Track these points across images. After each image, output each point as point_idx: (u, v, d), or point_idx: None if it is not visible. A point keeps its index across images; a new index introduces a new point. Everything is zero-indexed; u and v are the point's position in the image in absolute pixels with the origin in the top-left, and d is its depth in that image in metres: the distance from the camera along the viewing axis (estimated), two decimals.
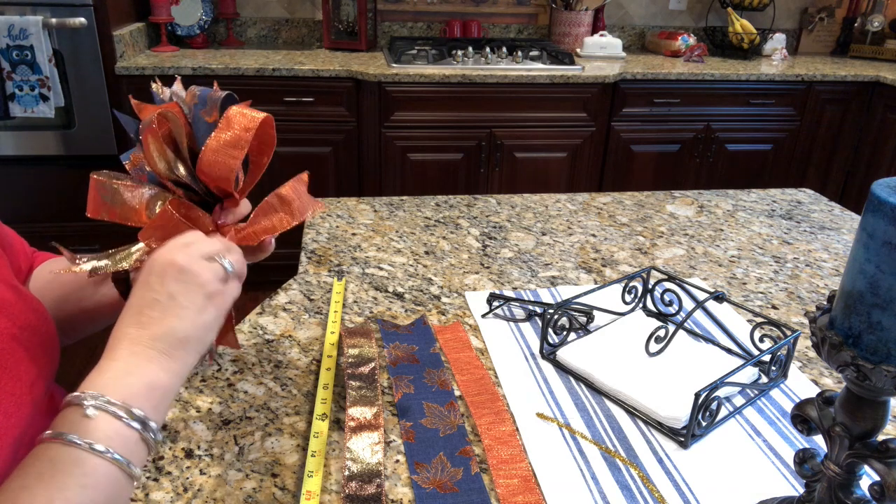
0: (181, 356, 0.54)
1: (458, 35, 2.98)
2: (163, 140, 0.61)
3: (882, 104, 2.81)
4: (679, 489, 0.64)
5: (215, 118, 0.61)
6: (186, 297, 0.55)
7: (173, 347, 0.54)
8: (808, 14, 3.26)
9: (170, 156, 0.61)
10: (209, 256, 0.58)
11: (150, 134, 0.59)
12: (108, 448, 0.47)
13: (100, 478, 0.47)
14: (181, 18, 2.68)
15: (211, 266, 0.57)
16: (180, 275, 0.55)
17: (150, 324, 0.54)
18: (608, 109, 2.66)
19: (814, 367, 0.84)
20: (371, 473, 0.63)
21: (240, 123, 0.60)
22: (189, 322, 0.55)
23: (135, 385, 0.51)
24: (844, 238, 1.22)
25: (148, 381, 0.52)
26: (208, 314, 0.56)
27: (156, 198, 0.62)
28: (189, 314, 0.55)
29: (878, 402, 0.48)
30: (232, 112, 0.61)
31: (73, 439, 0.47)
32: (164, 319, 0.54)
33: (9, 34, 2.13)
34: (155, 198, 0.62)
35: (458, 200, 1.32)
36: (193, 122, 0.62)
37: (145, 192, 0.61)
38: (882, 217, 0.42)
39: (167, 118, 0.61)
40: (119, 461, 0.48)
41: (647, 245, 1.16)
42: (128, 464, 0.48)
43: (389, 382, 0.77)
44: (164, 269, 0.55)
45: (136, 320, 0.54)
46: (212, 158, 0.60)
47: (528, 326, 0.90)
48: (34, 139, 2.38)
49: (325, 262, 1.05)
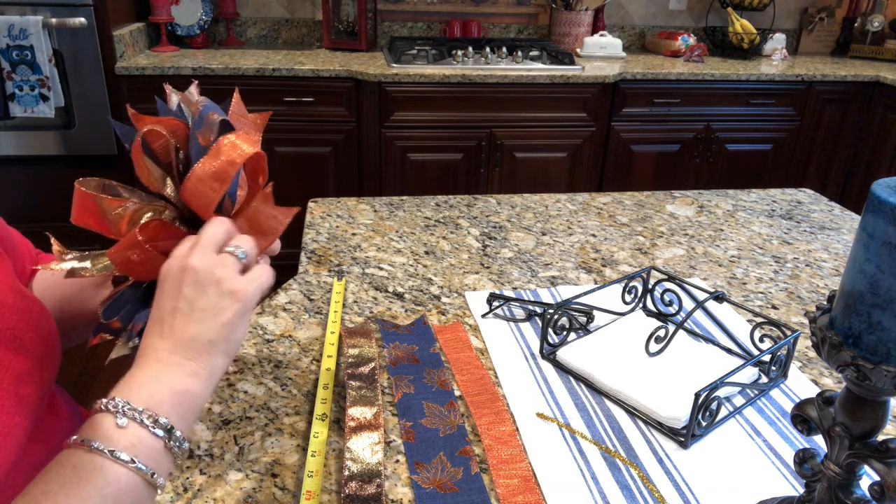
0: (208, 360, 0.54)
1: (458, 35, 2.98)
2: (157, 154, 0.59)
3: (882, 104, 2.81)
4: (679, 489, 0.64)
5: (209, 142, 0.60)
6: (204, 300, 0.54)
7: (198, 353, 0.53)
8: (808, 14, 3.26)
9: (157, 173, 0.60)
10: (219, 248, 0.56)
11: (135, 151, 0.58)
12: (132, 457, 0.47)
13: (122, 487, 0.46)
14: (181, 18, 2.68)
15: (223, 259, 0.56)
16: (194, 277, 0.54)
17: (172, 333, 0.53)
18: (608, 109, 2.66)
19: (814, 367, 0.84)
20: (371, 473, 0.63)
21: (228, 155, 0.58)
22: (211, 325, 0.54)
23: (160, 392, 0.51)
24: (844, 238, 1.22)
25: (174, 388, 0.51)
26: (230, 312, 0.55)
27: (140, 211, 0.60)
28: (209, 317, 0.54)
29: (878, 402, 0.48)
30: (224, 142, 0.59)
31: (98, 447, 0.47)
32: (185, 326, 0.53)
33: (9, 34, 2.13)
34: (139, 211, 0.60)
35: (458, 200, 1.32)
36: (190, 140, 0.60)
37: (129, 205, 0.60)
38: (882, 217, 0.42)
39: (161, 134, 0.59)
40: (143, 471, 0.47)
41: (647, 245, 1.16)
42: (152, 474, 0.48)
43: (389, 382, 0.77)
44: (178, 275, 0.54)
45: (159, 331, 0.54)
46: (194, 187, 0.58)
47: (528, 326, 0.90)
48: (34, 139, 2.38)
49: (325, 262, 1.05)
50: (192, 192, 0.58)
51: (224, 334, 0.55)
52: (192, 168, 0.58)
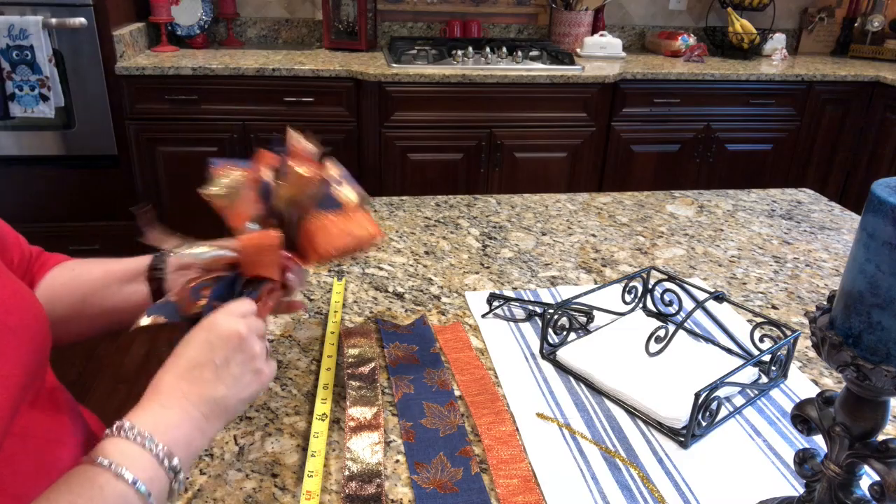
0: (216, 423, 0.57)
1: (458, 35, 2.98)
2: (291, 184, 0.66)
3: (882, 104, 2.81)
4: (679, 489, 0.64)
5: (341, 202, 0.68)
6: (239, 368, 0.58)
7: (214, 414, 0.56)
8: (808, 14, 3.26)
9: (298, 198, 0.66)
10: (261, 335, 0.61)
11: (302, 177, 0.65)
12: (148, 490, 0.49)
13: None
14: (181, 18, 2.68)
15: (262, 344, 0.61)
16: (240, 344, 0.58)
17: (200, 383, 0.56)
18: (608, 109, 2.66)
19: (814, 367, 0.84)
20: (371, 473, 0.63)
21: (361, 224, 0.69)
22: (234, 392, 0.57)
23: (180, 438, 0.53)
24: (844, 238, 1.22)
25: (189, 438, 0.54)
26: (251, 390, 0.59)
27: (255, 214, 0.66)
28: (236, 385, 0.57)
29: (878, 402, 0.48)
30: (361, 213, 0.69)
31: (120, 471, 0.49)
32: (215, 384, 0.56)
33: (9, 34, 2.13)
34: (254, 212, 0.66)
35: (458, 200, 1.32)
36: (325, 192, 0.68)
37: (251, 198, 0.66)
38: (882, 217, 0.43)
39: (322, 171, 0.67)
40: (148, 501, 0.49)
41: (647, 245, 1.16)
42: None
43: (389, 382, 0.77)
44: (228, 333, 0.58)
45: (188, 375, 0.56)
46: (329, 229, 0.67)
47: (528, 326, 0.90)
48: (34, 139, 2.38)
49: (325, 262, 1.05)
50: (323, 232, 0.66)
51: (238, 407, 0.58)
52: (327, 213, 0.66)
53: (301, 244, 0.68)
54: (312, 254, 0.68)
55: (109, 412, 2.01)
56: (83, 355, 2.27)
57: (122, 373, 2.20)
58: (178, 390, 0.55)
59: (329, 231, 0.67)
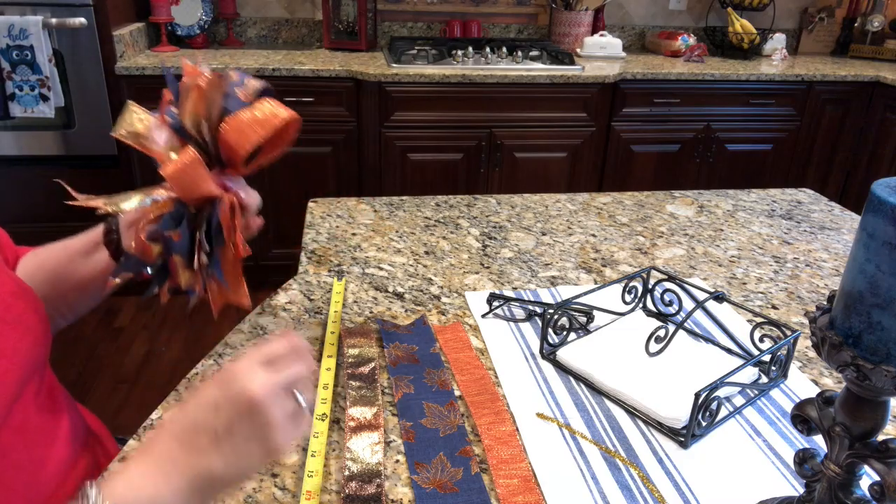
0: (205, 497, 0.51)
1: (458, 35, 2.98)
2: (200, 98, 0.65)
3: (882, 104, 2.81)
4: (679, 489, 0.64)
5: (250, 99, 0.66)
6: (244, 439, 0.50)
7: (202, 490, 0.50)
8: (808, 14, 3.26)
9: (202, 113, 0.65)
10: (289, 387, 0.53)
11: (196, 89, 0.64)
12: None
13: None
14: (181, 18, 2.68)
15: (285, 404, 0.52)
16: (250, 410, 0.50)
17: (195, 451, 0.50)
18: (608, 109, 2.66)
19: (814, 367, 0.84)
20: (371, 473, 0.63)
21: (270, 111, 0.65)
22: (232, 468, 0.50)
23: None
24: (844, 238, 1.22)
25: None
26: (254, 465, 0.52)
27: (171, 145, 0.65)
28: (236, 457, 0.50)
29: (878, 402, 0.48)
30: (267, 100, 0.66)
31: None
32: (209, 455, 0.50)
33: (9, 34, 2.13)
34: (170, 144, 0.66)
35: (458, 200, 1.32)
36: (227, 96, 0.66)
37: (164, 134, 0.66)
38: (882, 217, 0.42)
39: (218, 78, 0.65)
40: None
41: (647, 245, 1.16)
42: None
43: (389, 382, 0.77)
44: (237, 395, 0.50)
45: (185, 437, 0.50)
46: (238, 126, 0.64)
47: (528, 326, 0.90)
48: (34, 139, 2.38)
49: (325, 262, 1.05)
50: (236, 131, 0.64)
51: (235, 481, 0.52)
52: (235, 112, 0.64)
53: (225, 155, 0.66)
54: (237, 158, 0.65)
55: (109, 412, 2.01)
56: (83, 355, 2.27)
57: (122, 373, 2.20)
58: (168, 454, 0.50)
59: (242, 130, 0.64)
